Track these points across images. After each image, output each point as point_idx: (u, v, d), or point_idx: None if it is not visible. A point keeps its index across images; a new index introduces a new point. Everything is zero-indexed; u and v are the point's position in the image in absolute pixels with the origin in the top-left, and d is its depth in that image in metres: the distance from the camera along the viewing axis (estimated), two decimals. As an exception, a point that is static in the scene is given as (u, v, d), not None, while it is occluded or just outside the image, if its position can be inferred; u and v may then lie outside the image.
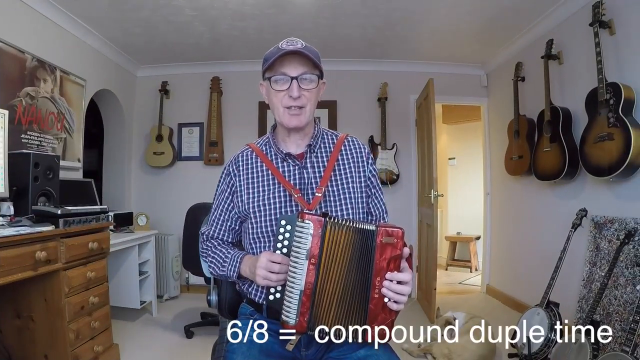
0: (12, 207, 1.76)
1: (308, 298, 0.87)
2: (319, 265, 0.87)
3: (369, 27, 3.02)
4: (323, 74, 1.04)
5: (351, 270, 0.89)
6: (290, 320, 0.88)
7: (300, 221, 0.88)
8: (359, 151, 1.12)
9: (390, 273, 0.88)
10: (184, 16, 2.82)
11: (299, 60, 0.99)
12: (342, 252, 0.88)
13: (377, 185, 1.14)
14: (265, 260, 0.91)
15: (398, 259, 0.89)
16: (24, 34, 2.36)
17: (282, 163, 1.07)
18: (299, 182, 1.04)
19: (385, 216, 1.15)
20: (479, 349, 2.13)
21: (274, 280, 0.91)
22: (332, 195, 1.04)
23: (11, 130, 2.14)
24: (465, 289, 4.10)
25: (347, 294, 0.89)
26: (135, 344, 2.47)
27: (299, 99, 0.99)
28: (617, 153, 1.98)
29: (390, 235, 0.88)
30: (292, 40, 1.00)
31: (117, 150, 3.74)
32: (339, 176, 1.07)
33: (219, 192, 1.13)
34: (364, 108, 3.79)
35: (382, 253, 0.88)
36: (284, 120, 1.02)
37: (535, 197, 2.99)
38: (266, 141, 1.12)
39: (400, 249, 0.88)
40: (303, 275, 0.87)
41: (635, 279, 1.90)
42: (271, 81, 1.01)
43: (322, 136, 1.12)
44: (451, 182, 5.35)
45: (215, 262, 1.08)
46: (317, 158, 1.08)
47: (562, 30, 2.65)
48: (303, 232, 0.87)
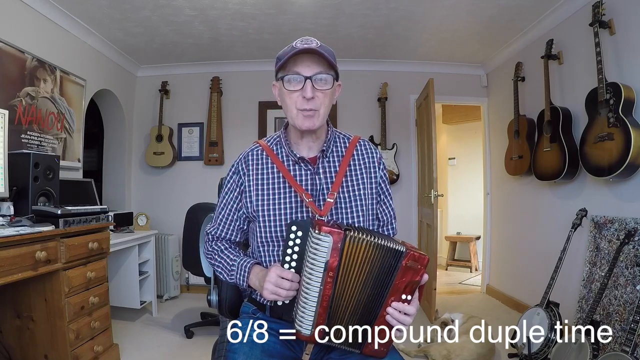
0: (12, 207, 1.76)
1: (325, 310, 0.86)
2: (336, 278, 0.85)
3: (369, 27, 3.03)
4: (339, 75, 1.00)
5: (367, 285, 0.87)
6: (304, 330, 0.87)
7: (317, 232, 0.84)
8: (371, 156, 1.09)
9: (397, 303, 0.87)
10: (184, 16, 2.82)
11: (314, 60, 0.95)
12: (360, 266, 0.86)
13: (387, 190, 1.11)
14: (275, 276, 0.89)
15: (415, 285, 0.87)
16: (24, 34, 2.36)
17: (294, 166, 1.04)
18: (311, 188, 1.02)
19: (394, 222, 1.13)
20: (478, 347, 2.14)
21: (282, 296, 0.89)
22: (344, 201, 1.02)
23: (11, 130, 2.14)
24: (465, 289, 4.10)
25: (360, 307, 0.88)
26: (135, 344, 2.47)
27: (312, 100, 0.95)
28: (617, 153, 1.98)
29: (416, 261, 0.85)
30: (306, 39, 0.96)
31: (117, 150, 3.74)
32: (350, 181, 1.04)
33: (226, 190, 1.09)
34: (364, 108, 3.79)
35: (403, 275, 0.86)
36: (297, 122, 0.98)
37: (535, 197, 2.99)
38: (277, 140, 1.08)
39: (421, 276, 0.87)
40: (319, 287, 0.85)
41: (635, 279, 1.90)
42: (284, 81, 0.97)
43: (335, 139, 1.09)
44: (451, 182, 5.35)
45: (222, 267, 1.06)
46: (330, 162, 1.05)
47: (562, 30, 2.65)
48: (320, 245, 0.84)
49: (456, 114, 5.19)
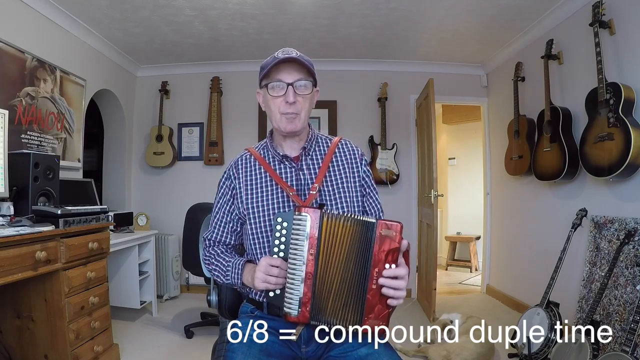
0: (12, 207, 1.76)
1: (309, 288, 0.90)
2: (317, 255, 0.90)
3: (369, 27, 3.02)
4: (317, 82, 1.08)
5: (350, 260, 0.91)
6: (292, 311, 0.90)
7: (298, 214, 0.91)
8: (352, 153, 1.16)
9: (386, 270, 0.90)
10: (184, 16, 2.82)
11: (294, 67, 1.03)
12: (340, 242, 0.91)
13: (372, 185, 1.17)
14: (265, 264, 0.93)
15: (396, 252, 0.91)
16: (24, 34, 2.36)
17: (279, 165, 1.11)
18: (295, 183, 1.08)
19: (382, 215, 1.16)
20: (478, 347, 2.14)
21: (272, 283, 0.92)
22: (327, 194, 1.08)
23: (11, 130, 2.15)
24: (465, 289, 4.10)
25: (345, 283, 0.91)
26: (135, 344, 2.47)
27: (294, 105, 1.03)
28: (617, 153, 1.98)
29: (389, 229, 0.90)
30: (286, 50, 1.04)
31: (117, 150, 3.74)
32: (333, 176, 1.10)
33: (220, 195, 1.15)
34: (364, 108, 3.79)
35: (380, 245, 0.90)
36: (280, 125, 1.06)
37: (535, 197, 2.99)
38: (264, 145, 1.16)
39: (399, 242, 0.90)
40: (303, 266, 0.89)
41: (635, 279, 1.90)
42: (268, 88, 1.05)
43: (317, 140, 1.16)
44: (451, 182, 5.35)
45: (218, 270, 1.10)
46: (312, 160, 1.12)
47: (562, 30, 2.65)
48: (300, 225, 0.90)
49: (456, 114, 5.20)
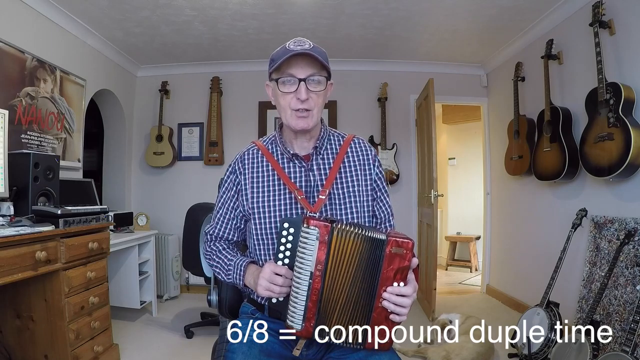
0: (12, 207, 1.76)
1: (314, 304, 0.86)
2: (325, 271, 0.86)
3: (369, 27, 3.02)
4: (331, 75, 1.02)
5: (357, 277, 0.88)
6: (295, 325, 0.87)
7: (306, 227, 0.86)
8: (365, 153, 1.10)
9: (392, 287, 0.86)
10: (184, 16, 2.82)
11: (307, 62, 0.96)
12: (349, 259, 0.87)
13: (384, 188, 1.12)
14: (269, 272, 0.90)
15: (405, 271, 0.87)
16: (24, 34, 2.36)
17: (288, 164, 1.05)
18: (304, 184, 1.03)
19: (391, 219, 1.13)
20: (477, 347, 2.14)
21: (276, 292, 0.89)
22: (337, 197, 1.03)
23: (11, 130, 2.14)
24: (465, 289, 4.10)
25: (351, 301, 0.88)
26: (135, 344, 2.47)
27: (306, 102, 0.97)
28: (617, 153, 1.98)
29: (400, 247, 0.86)
30: (299, 41, 0.97)
31: (117, 150, 3.74)
32: (344, 178, 1.05)
33: (223, 190, 1.10)
34: (364, 108, 3.79)
35: (390, 263, 0.86)
36: (291, 122, 1.00)
37: (535, 197, 2.99)
38: (272, 140, 1.10)
39: (409, 260, 0.87)
40: (309, 281, 0.86)
41: (635, 279, 1.90)
42: (278, 83, 0.98)
43: (329, 137, 1.10)
44: (451, 182, 5.35)
45: (220, 267, 1.07)
46: (324, 160, 1.06)
47: (562, 30, 2.65)
48: (309, 238, 0.86)
49: (456, 114, 5.19)
